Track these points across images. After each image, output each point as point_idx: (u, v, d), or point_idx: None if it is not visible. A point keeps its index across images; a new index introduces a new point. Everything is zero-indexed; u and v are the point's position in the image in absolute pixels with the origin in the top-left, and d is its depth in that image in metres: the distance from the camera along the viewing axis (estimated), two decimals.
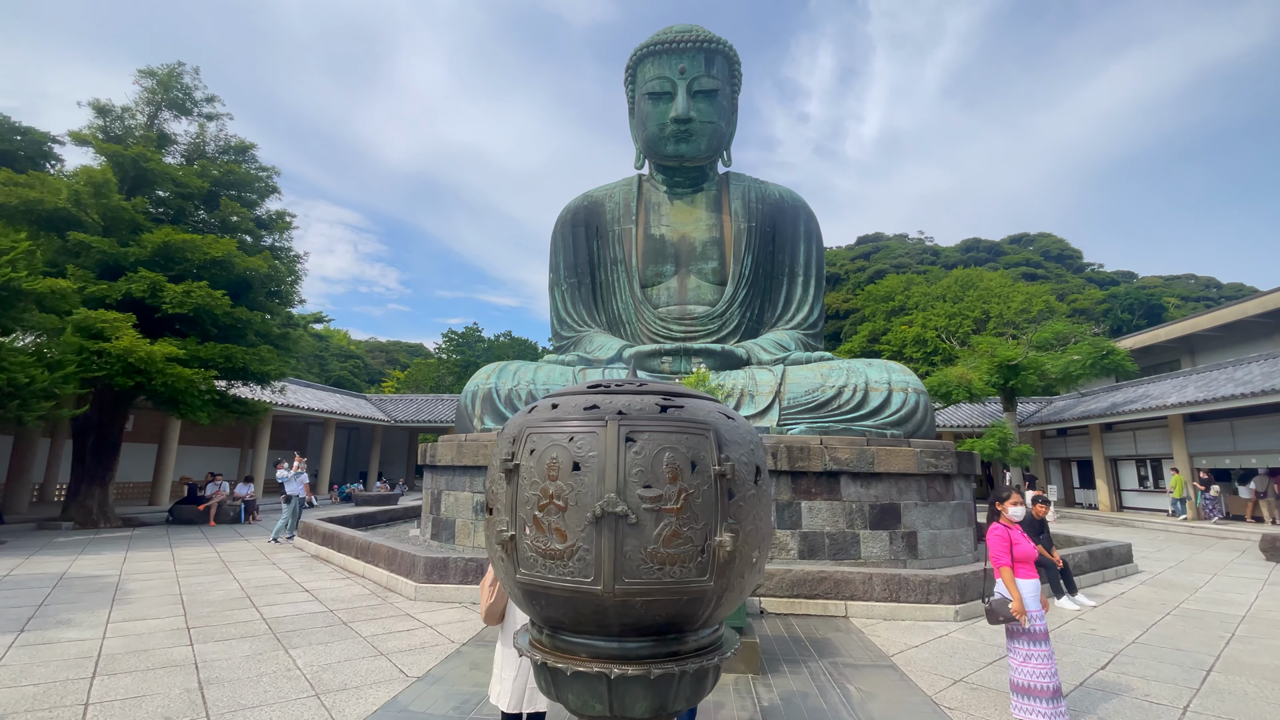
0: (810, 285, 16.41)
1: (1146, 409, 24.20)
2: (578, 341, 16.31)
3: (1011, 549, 4.91)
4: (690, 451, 1.83)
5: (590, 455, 1.79)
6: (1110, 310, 50.91)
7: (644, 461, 1.78)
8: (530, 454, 1.93)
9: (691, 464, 1.83)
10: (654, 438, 1.81)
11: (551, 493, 1.84)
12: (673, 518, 1.77)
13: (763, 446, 2.15)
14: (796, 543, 9.95)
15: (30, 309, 14.05)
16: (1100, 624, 8.19)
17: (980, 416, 33.27)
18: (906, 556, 10.19)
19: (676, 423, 1.85)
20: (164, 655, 6.02)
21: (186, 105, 19.88)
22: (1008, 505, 5.05)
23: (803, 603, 8.03)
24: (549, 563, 1.84)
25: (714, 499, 1.83)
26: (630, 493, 1.76)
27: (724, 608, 2.00)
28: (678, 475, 1.82)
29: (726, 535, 1.77)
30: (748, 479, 1.92)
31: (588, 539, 1.74)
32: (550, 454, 1.88)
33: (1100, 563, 11.16)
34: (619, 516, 1.72)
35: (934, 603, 7.96)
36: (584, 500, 1.77)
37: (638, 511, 1.73)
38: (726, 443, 1.90)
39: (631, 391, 1.99)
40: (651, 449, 1.80)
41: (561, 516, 1.80)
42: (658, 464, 1.80)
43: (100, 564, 11.16)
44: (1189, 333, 31.18)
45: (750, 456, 1.97)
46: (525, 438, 1.97)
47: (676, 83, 16.10)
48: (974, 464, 11.70)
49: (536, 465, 1.91)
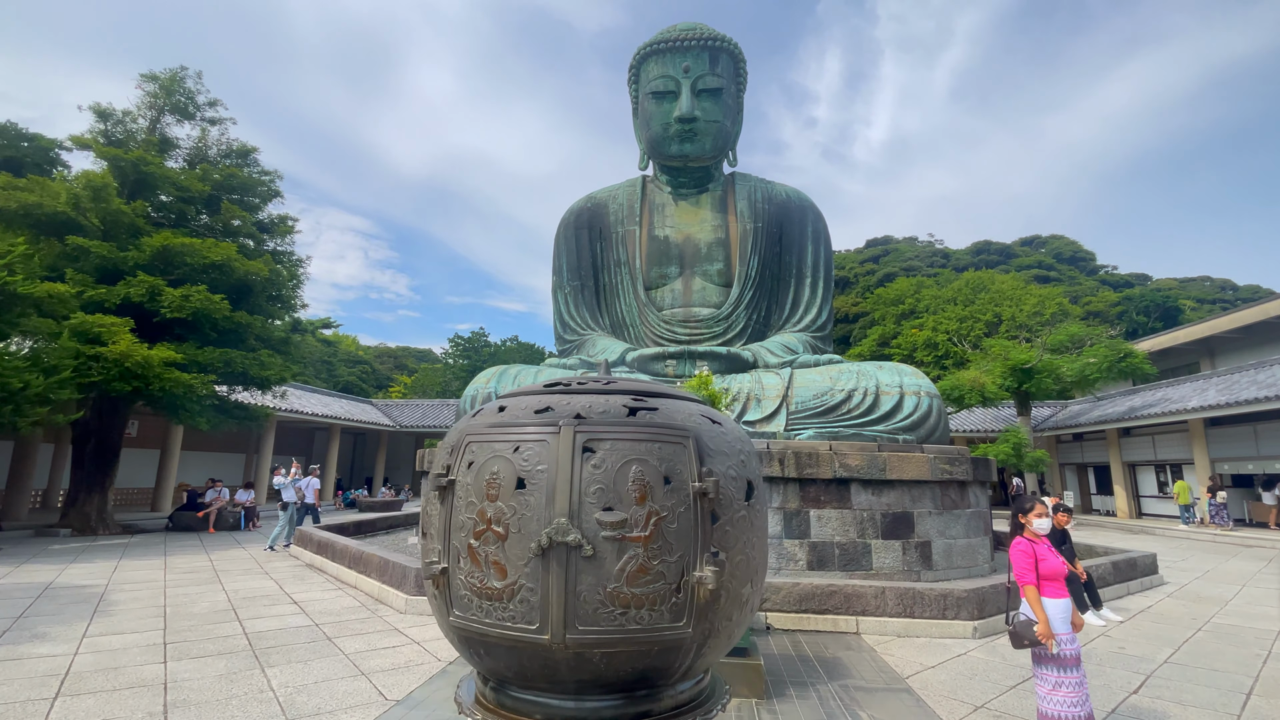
0: (818, 287, 16.00)
1: (1166, 413, 23.56)
2: (581, 345, 15.98)
3: (1037, 565, 4.49)
4: (663, 464, 1.47)
5: (538, 469, 1.44)
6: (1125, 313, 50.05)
7: (605, 477, 1.42)
8: (468, 467, 1.57)
9: (664, 479, 1.47)
10: (618, 447, 1.45)
11: (490, 516, 1.49)
12: (640, 548, 1.41)
13: (756, 456, 1.79)
14: (805, 553, 9.54)
15: (29, 313, 13.91)
16: (1128, 641, 7.73)
17: (993, 421, 32.64)
18: (920, 567, 9.75)
19: (647, 429, 1.49)
20: (134, 674, 5.71)
21: (189, 109, 19.80)
22: (1032, 517, 4.64)
23: (811, 618, 7.62)
24: (486, 604, 1.48)
25: (693, 523, 1.47)
26: (586, 517, 1.40)
27: (708, 656, 1.63)
28: (647, 494, 1.46)
29: (708, 570, 1.41)
30: (736, 497, 1.56)
31: (532, 575, 1.38)
32: (491, 468, 1.52)
33: (1124, 574, 10.66)
34: (571, 547, 1.36)
35: (951, 618, 7.53)
36: (528, 526, 1.41)
37: (595, 541, 1.37)
38: (710, 452, 1.54)
39: (595, 391, 1.63)
40: (614, 461, 1.44)
41: (501, 547, 1.44)
42: (622, 480, 1.44)
43: (89, 573, 10.92)
44: (1208, 335, 30.46)
45: (740, 469, 1.61)
46: (464, 447, 1.61)
47: (680, 81, 15.78)
48: (990, 470, 11.25)
49: (474, 482, 1.55)
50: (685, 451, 1.49)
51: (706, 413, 1.69)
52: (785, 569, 9.42)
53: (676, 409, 1.61)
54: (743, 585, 1.55)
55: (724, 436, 1.63)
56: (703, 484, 1.48)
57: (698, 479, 1.48)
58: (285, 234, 20.33)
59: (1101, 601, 9.05)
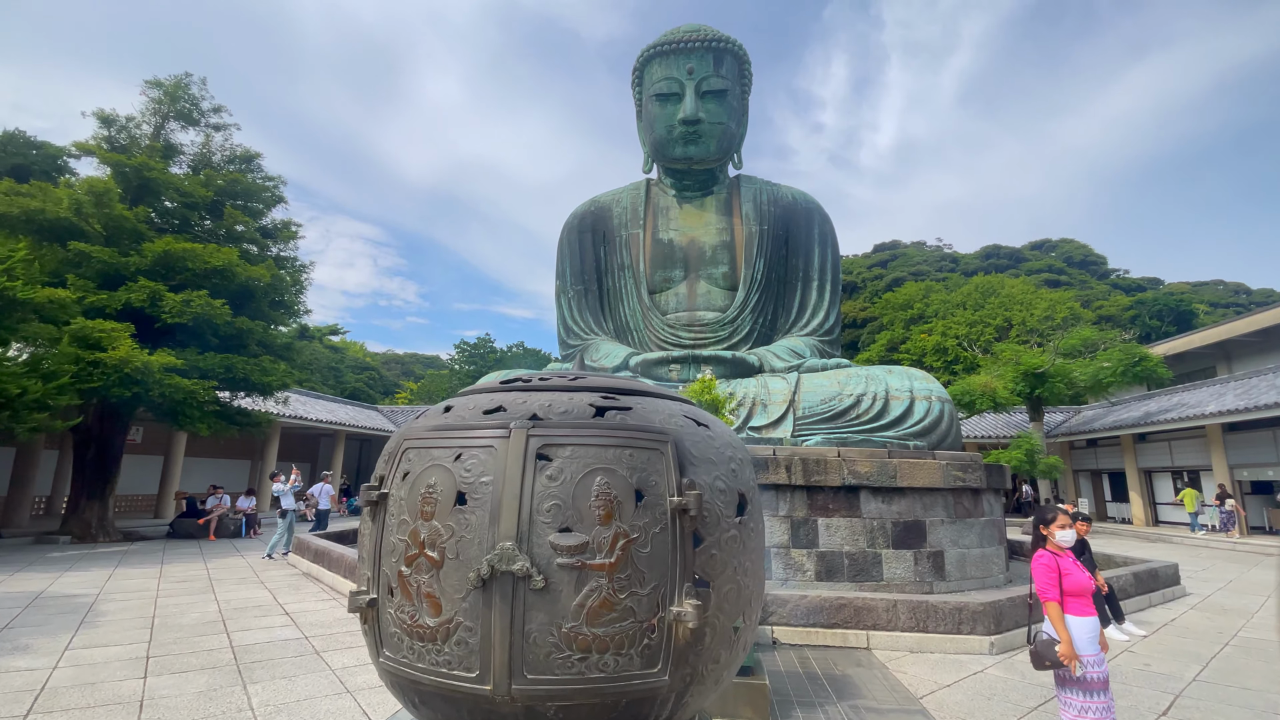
0: (825, 290, 15.71)
1: (1183, 418, 23.04)
2: (585, 350, 15.75)
3: (1061, 580, 4.18)
4: (635, 474, 1.21)
5: (482, 482, 1.18)
6: (1138, 317, 49.33)
7: (562, 491, 1.17)
8: (402, 479, 1.32)
9: (636, 493, 1.21)
10: (580, 454, 1.20)
11: (424, 538, 1.24)
12: (604, 578, 1.16)
13: (750, 464, 1.52)
14: (813, 563, 9.22)
15: (30, 319, 13.84)
16: (1154, 657, 7.37)
17: (1005, 427, 32.12)
18: (933, 578, 9.41)
19: (617, 432, 1.24)
20: (111, 690, 5.48)
21: (193, 115, 19.80)
22: (1054, 528, 4.33)
23: (820, 632, 7.30)
24: (418, 645, 1.22)
25: (671, 546, 1.22)
26: (538, 539, 1.15)
27: (690, 705, 1.37)
28: (614, 511, 1.21)
29: (689, 604, 1.15)
30: (724, 513, 1.30)
31: (471, 611, 1.13)
32: (427, 479, 1.27)
33: (1146, 585, 10.27)
34: (518, 578, 1.11)
35: (966, 633, 7.19)
36: (468, 551, 1.16)
37: (548, 569, 1.12)
38: (693, 460, 1.28)
39: (557, 388, 1.38)
40: (575, 471, 1.19)
41: (435, 576, 1.19)
42: (583, 494, 1.19)
43: (82, 582, 10.73)
44: (1224, 338, 29.86)
45: (730, 479, 1.35)
46: (400, 455, 1.36)
47: (684, 83, 15.59)
48: (1004, 477, 10.90)
49: (408, 497, 1.30)
50: (662, 459, 1.24)
51: (691, 413, 1.43)
52: (793, 579, 9.11)
53: (654, 409, 1.35)
54: (733, 619, 1.29)
55: (710, 441, 1.37)
56: (683, 498, 1.22)
57: (677, 492, 1.23)
58: (288, 239, 20.25)
59: (1124, 614, 8.68)
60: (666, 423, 1.32)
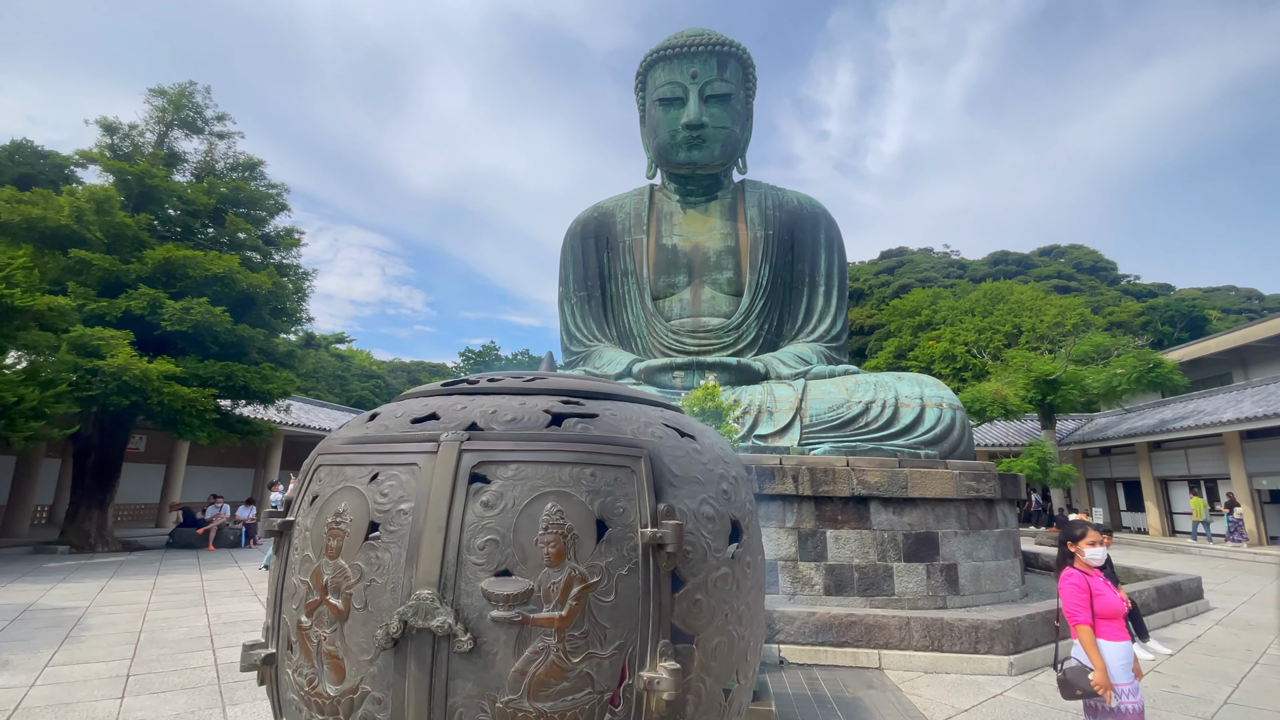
0: (832, 295, 15.41)
1: (1199, 425, 22.54)
2: (587, 357, 15.52)
3: (1092, 601, 3.87)
4: (597, 499, 0.96)
5: (400, 510, 0.95)
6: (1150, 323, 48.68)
7: (501, 522, 0.93)
8: (310, 503, 1.08)
9: (598, 525, 0.96)
10: (526, 474, 0.95)
11: (326, 581, 1.00)
12: (552, 637, 0.91)
13: (748, 481, 1.26)
14: (822, 577, 8.89)
15: (30, 327, 13.73)
16: (1181, 678, 7.00)
17: (1016, 435, 31.60)
18: (946, 592, 9.06)
19: (575, 446, 1.00)
20: (86, 710, 5.23)
21: (197, 124, 19.77)
22: (1083, 545, 4.02)
23: (829, 651, 6.97)
24: (318, 718, 0.98)
25: (642, 592, 0.96)
26: (467, 586, 0.90)
27: None
28: (567, 549, 0.96)
29: (665, 668, 0.90)
30: (713, 546, 1.05)
31: (380, 678, 0.89)
32: (336, 505, 1.04)
33: (1169, 600, 9.88)
34: (438, 636, 0.86)
35: (983, 653, 6.85)
36: (378, 599, 0.92)
37: (479, 626, 0.88)
38: (673, 480, 1.03)
39: (508, 390, 1.14)
40: (518, 496, 0.94)
41: (339, 631, 0.95)
42: (528, 526, 0.94)
43: (74, 594, 10.52)
44: (1240, 344, 29.30)
45: (721, 503, 1.10)
46: (311, 474, 1.12)
47: (688, 87, 15.40)
48: (1019, 487, 10.54)
49: (314, 526, 1.05)
50: (634, 479, 0.98)
51: (673, 420, 1.17)
52: (801, 594, 8.78)
53: (626, 416, 1.10)
54: (724, 680, 1.03)
55: (696, 456, 1.11)
56: (659, 530, 0.96)
57: (651, 522, 0.97)
58: (290, 247, 20.15)
59: (1148, 632, 8.30)
60: (641, 433, 1.06)
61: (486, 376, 1.24)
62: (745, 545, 1.13)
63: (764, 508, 9.20)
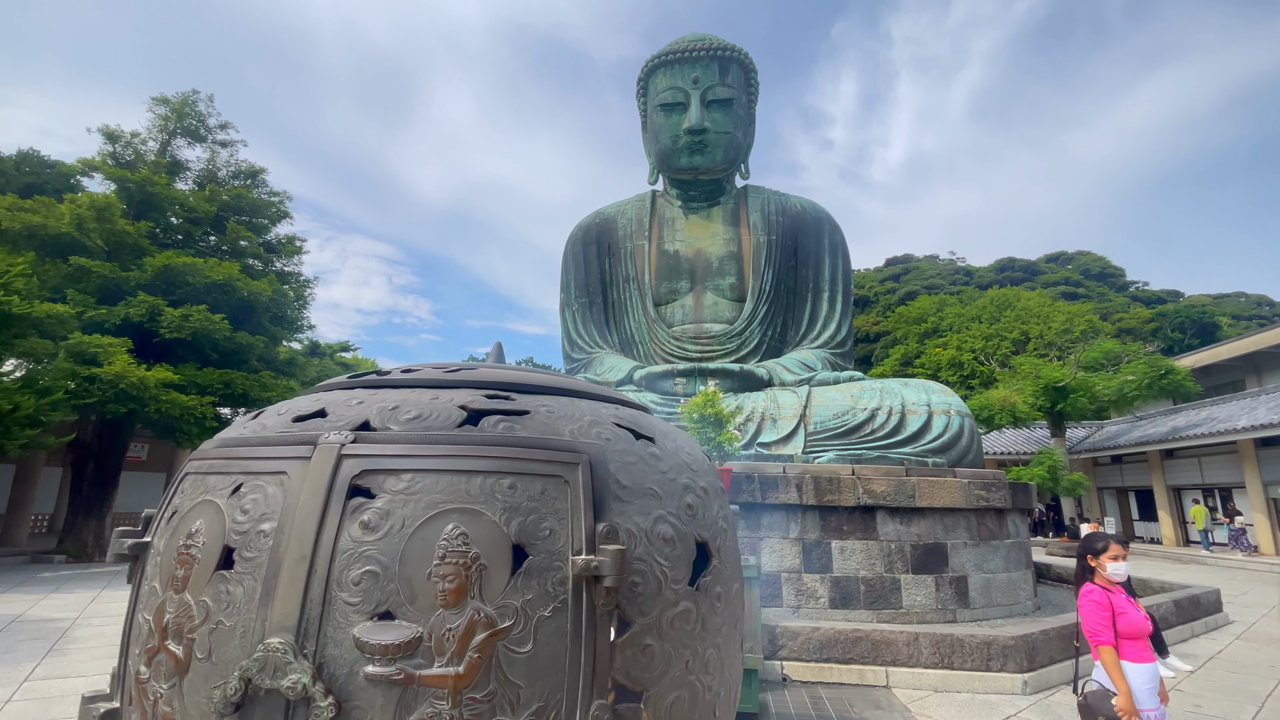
0: (837, 301, 15.18)
1: (1213, 433, 22.11)
2: (589, 364, 15.33)
3: (1114, 620, 3.62)
4: (517, 519, 0.77)
5: (260, 531, 0.76)
6: (1160, 329, 48.16)
7: (386, 548, 0.73)
8: (168, 521, 0.87)
9: (515, 552, 0.75)
10: (423, 487, 0.76)
11: (168, 621, 0.79)
12: (445, 701, 0.69)
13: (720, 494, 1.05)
14: (827, 589, 8.62)
15: (29, 334, 13.66)
16: (1204, 696, 6.69)
17: (1026, 443, 31.16)
18: (956, 605, 8.76)
19: (490, 450, 0.80)
20: None
21: (200, 132, 19.81)
22: (1105, 559, 3.77)
23: (834, 668, 6.69)
24: None
25: (571, 639, 0.75)
26: (336, 632, 0.70)
27: None
28: (469, 583, 0.75)
29: None
30: (670, 575, 0.85)
31: None
32: (191, 522, 0.83)
33: (1188, 614, 9.54)
34: (293, 702, 0.64)
35: (996, 670, 6.55)
36: (225, 648, 0.71)
37: (348, 686, 0.67)
38: (621, 494, 0.84)
39: (420, 383, 0.93)
40: (410, 515, 0.74)
41: (177, 687, 0.74)
42: (420, 554, 0.74)
43: (64, 604, 10.34)
44: (1253, 350, 28.81)
45: (684, 520, 0.90)
46: (178, 485, 0.91)
47: (690, 92, 15.27)
48: (1030, 497, 10.24)
49: (165, 550, 0.85)
50: (567, 492, 0.77)
51: (629, 419, 0.96)
52: (805, 607, 8.50)
53: (565, 413, 0.89)
54: None
55: (653, 463, 0.90)
56: (595, 557, 0.74)
57: (586, 547, 0.75)
58: (292, 254, 20.10)
59: (1167, 648, 7.98)
60: (584, 434, 0.85)
61: (403, 367, 1.03)
62: (716, 573, 0.92)
63: (767, 517, 8.95)
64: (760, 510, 8.96)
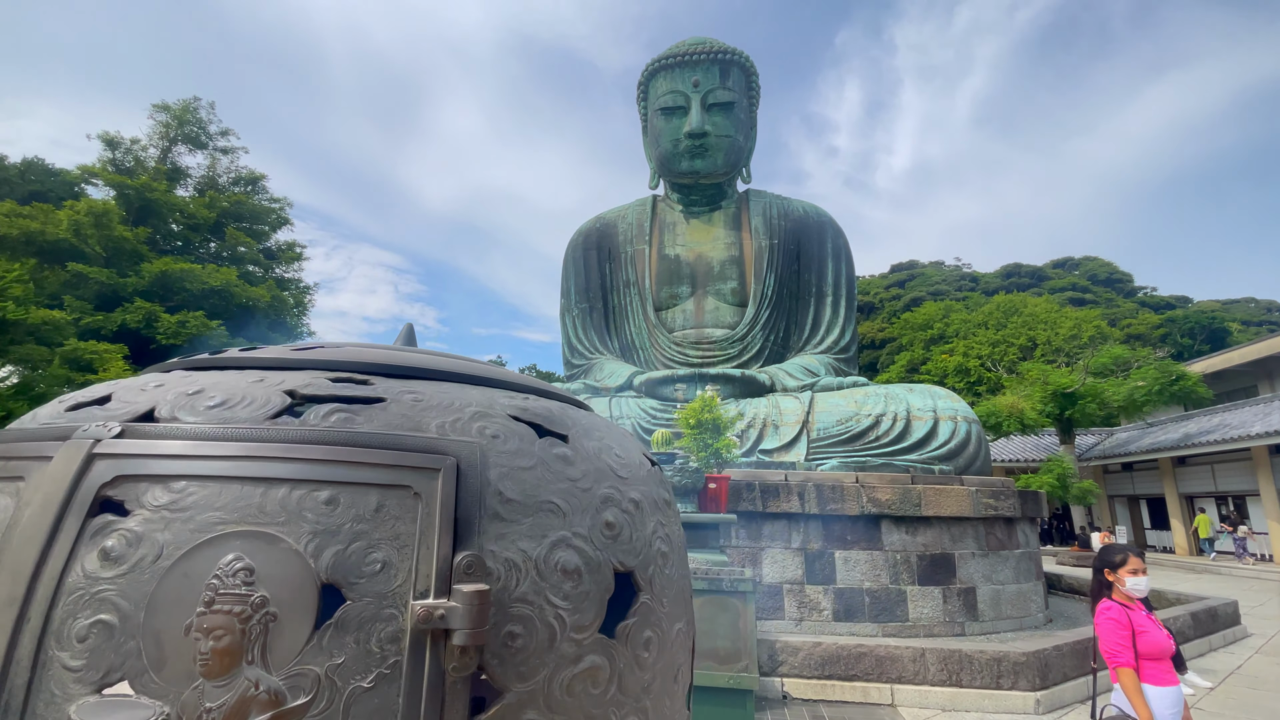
0: (840, 306, 14.96)
1: (1226, 439, 21.71)
2: (588, 370, 15.16)
3: (1135, 639, 3.36)
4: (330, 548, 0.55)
5: None
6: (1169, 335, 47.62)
7: (129, 587, 0.50)
8: None
9: (324, 593, 0.52)
10: (196, 501, 0.54)
11: None
12: None
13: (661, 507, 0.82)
14: (830, 601, 8.35)
15: (25, 340, 13.58)
16: (1225, 714, 6.39)
17: (1034, 450, 30.72)
18: (964, 618, 8.48)
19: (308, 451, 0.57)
20: None
21: (201, 139, 19.81)
22: (1124, 574, 3.51)
23: (836, 685, 6.42)
24: None
25: None
26: (44, 709, 0.46)
27: None
28: (245, 642, 0.52)
29: None
30: (570, 619, 0.63)
31: None
32: None
33: (1205, 627, 9.22)
34: None
35: (1006, 688, 6.27)
36: None
37: None
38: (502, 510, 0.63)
39: (257, 364, 0.72)
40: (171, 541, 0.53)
41: None
42: (177, 598, 0.52)
43: None
44: (1266, 355, 28.38)
45: (598, 545, 0.69)
46: None
47: (690, 96, 15.15)
48: (1040, 505, 9.97)
49: None
50: (416, 508, 0.55)
51: (532, 411, 0.73)
52: (808, 619, 8.24)
53: (438, 401, 0.67)
54: None
55: (559, 468, 0.68)
56: (440, 603, 0.52)
57: (433, 588, 0.52)
58: (292, 261, 20.04)
59: (1185, 663, 7.66)
60: (458, 430, 0.64)
61: (242, 347, 0.82)
62: (646, 612, 0.70)
63: (768, 527, 8.70)
64: (761, 519, 8.71)
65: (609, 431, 0.85)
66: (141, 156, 18.56)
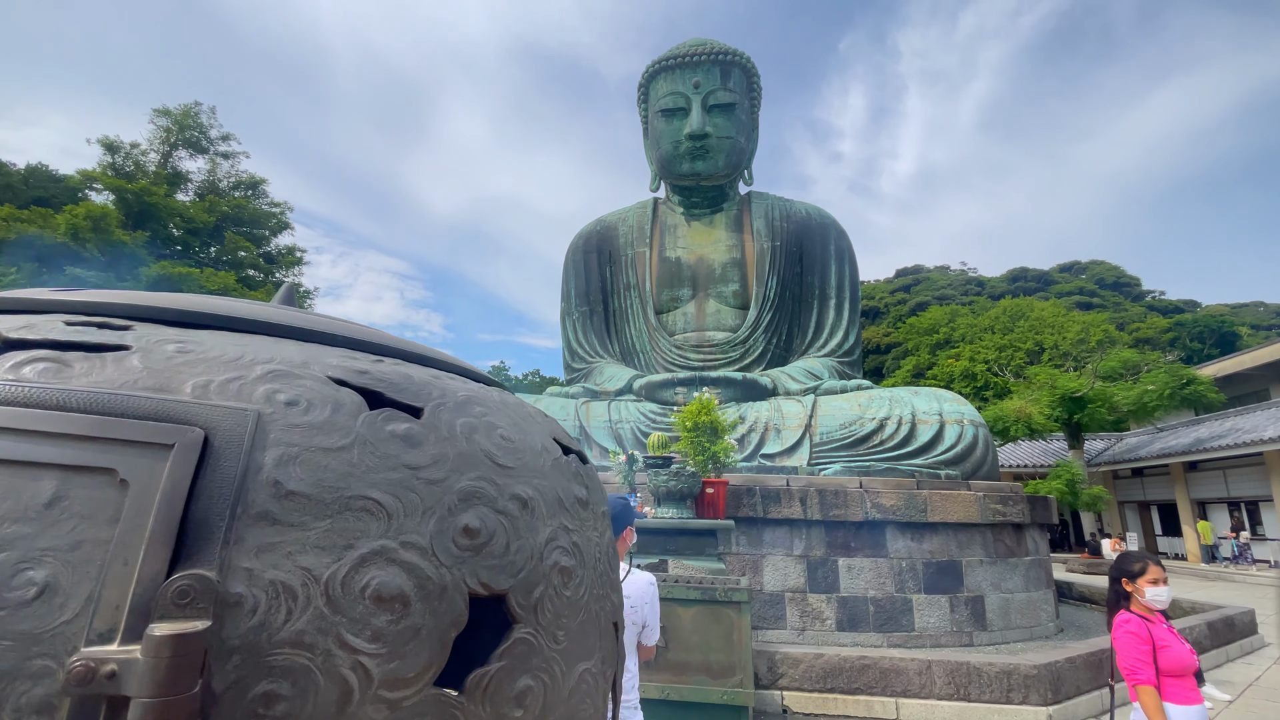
0: (844, 308, 14.73)
1: (1238, 444, 21.32)
2: (588, 373, 14.98)
3: (1156, 654, 3.13)
4: None
5: None
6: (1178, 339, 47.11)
7: None
8: None
9: None
10: None
11: None
12: None
13: (569, 507, 0.62)
14: (833, 610, 8.10)
15: None
16: None
17: (1042, 455, 30.31)
18: (972, 628, 8.21)
19: None
20: None
21: (202, 144, 19.79)
22: (1143, 584, 3.28)
23: (839, 699, 6.16)
24: None
25: None
26: None
27: None
28: None
29: None
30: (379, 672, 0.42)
31: None
32: None
33: (1222, 637, 8.92)
34: None
35: (1017, 703, 6.00)
36: None
37: None
38: (274, 506, 0.42)
39: None
40: None
41: None
42: None
43: None
44: (1278, 358, 27.96)
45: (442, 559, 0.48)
46: None
47: (691, 97, 15.00)
48: (1050, 511, 9.69)
49: None
50: (119, 502, 0.34)
51: (371, 376, 0.52)
52: (811, 629, 7.98)
53: (217, 354, 0.47)
54: None
55: (389, 450, 0.48)
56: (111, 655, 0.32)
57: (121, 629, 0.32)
58: (292, 265, 19.94)
59: (1203, 675, 7.37)
60: (230, 392, 0.45)
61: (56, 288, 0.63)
62: (527, 653, 0.50)
63: (769, 533, 8.46)
64: (762, 525, 8.48)
65: (500, 409, 0.65)
66: (141, 161, 18.54)
